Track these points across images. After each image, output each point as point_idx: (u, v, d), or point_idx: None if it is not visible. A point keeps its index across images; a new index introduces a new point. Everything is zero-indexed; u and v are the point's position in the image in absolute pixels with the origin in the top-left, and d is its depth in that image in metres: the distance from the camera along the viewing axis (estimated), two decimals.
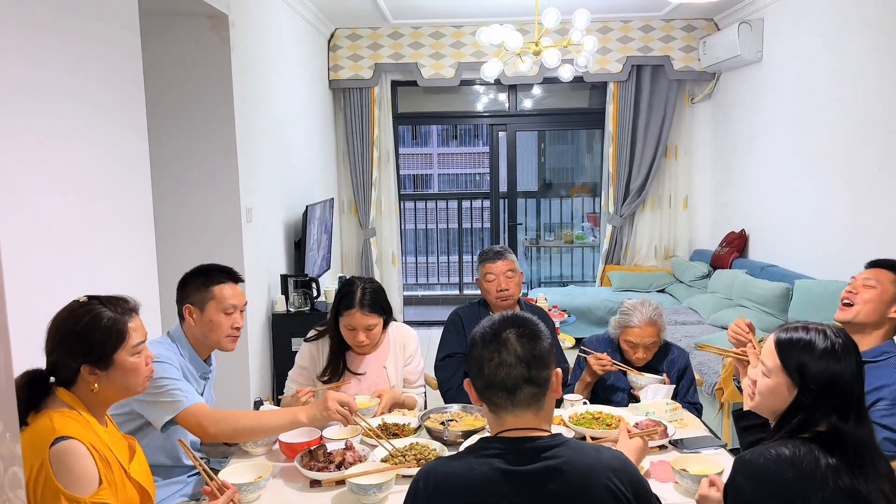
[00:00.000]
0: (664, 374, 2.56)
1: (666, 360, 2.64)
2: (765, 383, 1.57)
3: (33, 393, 1.52)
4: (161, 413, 1.94)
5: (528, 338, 1.39)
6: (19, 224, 1.96)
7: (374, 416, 2.35)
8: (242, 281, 2.24)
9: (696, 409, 2.56)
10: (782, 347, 1.54)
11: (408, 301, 7.38)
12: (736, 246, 5.60)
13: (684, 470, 1.85)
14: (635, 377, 2.53)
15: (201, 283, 2.14)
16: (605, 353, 2.59)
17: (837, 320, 2.08)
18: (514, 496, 1.32)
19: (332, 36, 6.21)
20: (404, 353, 2.61)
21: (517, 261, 2.87)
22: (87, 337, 1.55)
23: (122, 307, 1.62)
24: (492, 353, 1.38)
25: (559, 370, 1.43)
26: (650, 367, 2.63)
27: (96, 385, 1.56)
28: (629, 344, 2.59)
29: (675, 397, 2.47)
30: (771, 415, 1.58)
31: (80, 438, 1.49)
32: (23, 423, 1.46)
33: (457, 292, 8.22)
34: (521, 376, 1.36)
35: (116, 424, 2.02)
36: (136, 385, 1.64)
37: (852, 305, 2.07)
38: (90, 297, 1.61)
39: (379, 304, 2.45)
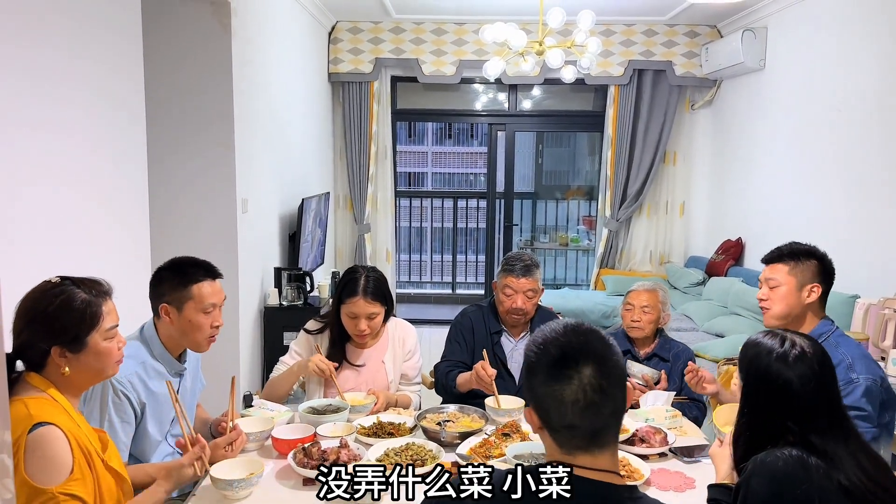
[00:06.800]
0: (662, 372, 2.55)
1: (671, 352, 2.67)
2: (738, 392, 1.60)
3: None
4: None
5: (604, 350, 1.16)
6: (10, 211, 1.90)
7: (369, 413, 2.31)
8: (221, 276, 2.08)
9: (703, 405, 2.58)
10: (741, 351, 1.58)
11: (400, 299, 7.33)
12: (732, 254, 5.59)
13: None
14: (630, 362, 2.56)
15: (178, 283, 1.97)
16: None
17: (766, 327, 2.10)
18: None
19: (333, 28, 6.15)
20: (403, 349, 2.59)
21: (541, 275, 2.67)
22: (60, 317, 1.49)
23: (97, 289, 1.57)
24: (573, 390, 1.11)
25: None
26: (655, 357, 2.66)
27: (67, 368, 1.51)
28: (628, 308, 2.67)
29: (681, 392, 2.51)
30: None
31: (59, 425, 1.44)
32: None
33: (449, 291, 8.19)
34: (610, 412, 1.13)
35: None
36: (108, 369, 1.59)
37: (769, 310, 2.14)
38: (63, 278, 1.56)
39: (381, 292, 2.45)
